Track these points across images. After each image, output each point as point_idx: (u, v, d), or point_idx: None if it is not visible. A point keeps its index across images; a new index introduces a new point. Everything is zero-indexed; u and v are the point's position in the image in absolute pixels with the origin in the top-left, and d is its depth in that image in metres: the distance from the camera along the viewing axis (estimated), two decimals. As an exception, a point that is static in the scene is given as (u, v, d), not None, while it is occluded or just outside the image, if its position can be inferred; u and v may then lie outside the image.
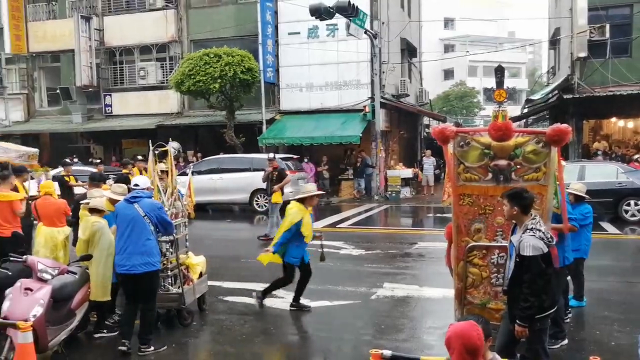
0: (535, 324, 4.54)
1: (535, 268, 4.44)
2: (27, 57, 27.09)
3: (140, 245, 6.11)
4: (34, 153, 13.72)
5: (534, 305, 4.45)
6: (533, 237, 4.48)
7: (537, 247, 4.44)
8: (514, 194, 4.67)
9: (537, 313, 4.49)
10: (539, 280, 4.45)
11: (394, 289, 8.59)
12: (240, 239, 14.26)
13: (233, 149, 20.94)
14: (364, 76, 21.28)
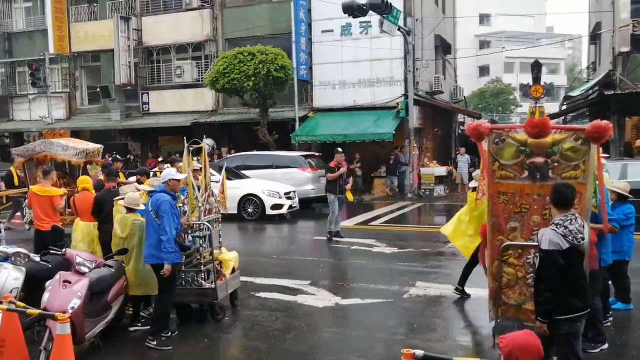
0: (562, 326, 4.43)
1: (550, 263, 4.34)
2: (69, 57, 27.75)
3: (149, 238, 6.36)
4: (96, 149, 13.30)
5: (549, 300, 4.36)
6: (553, 232, 4.38)
7: (554, 242, 4.34)
8: (553, 187, 4.59)
9: (565, 313, 4.38)
10: (555, 276, 4.34)
11: (426, 287, 8.51)
12: (272, 234, 14.34)
13: (266, 146, 21.06)
14: (398, 73, 21.13)
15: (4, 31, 29.49)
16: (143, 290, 6.79)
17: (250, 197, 15.64)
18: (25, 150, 13.43)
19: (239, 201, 15.59)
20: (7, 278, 6.26)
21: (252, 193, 15.68)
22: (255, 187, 15.86)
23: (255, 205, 15.64)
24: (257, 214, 15.46)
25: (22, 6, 29.56)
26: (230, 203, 15.27)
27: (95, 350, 6.16)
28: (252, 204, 15.69)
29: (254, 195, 15.64)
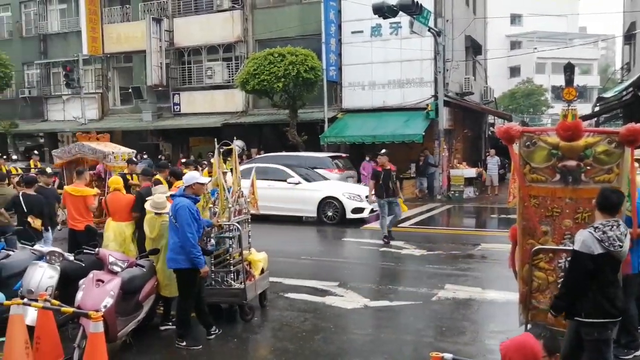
0: (592, 332, 4.35)
1: (577, 264, 4.29)
2: (102, 58, 28.28)
3: (170, 242, 6.38)
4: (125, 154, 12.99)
5: (564, 297, 4.31)
6: (590, 235, 4.31)
7: (587, 245, 4.28)
8: (600, 191, 4.54)
9: (596, 316, 4.31)
10: (580, 278, 4.29)
11: (455, 290, 8.44)
12: (300, 235, 14.37)
13: (295, 147, 21.14)
14: (427, 74, 21.00)
15: (39, 33, 30.21)
16: (169, 292, 6.88)
17: (330, 200, 14.90)
18: (63, 152, 13.73)
19: (318, 204, 14.99)
20: (43, 276, 6.42)
21: (332, 196, 14.94)
22: (335, 190, 15.16)
23: (335, 209, 14.85)
24: (337, 218, 14.71)
25: (57, 8, 30.24)
26: (309, 206, 15.15)
27: (127, 348, 6.27)
28: (332, 207, 14.92)
29: (334, 198, 14.86)
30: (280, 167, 15.86)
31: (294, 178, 15.36)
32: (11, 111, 30.46)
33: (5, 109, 30.41)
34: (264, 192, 14.93)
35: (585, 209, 5.16)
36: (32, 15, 30.82)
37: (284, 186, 15.22)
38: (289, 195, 15.13)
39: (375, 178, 12.27)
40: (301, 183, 15.34)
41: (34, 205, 9.25)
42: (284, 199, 15.05)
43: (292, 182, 15.29)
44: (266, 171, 15.43)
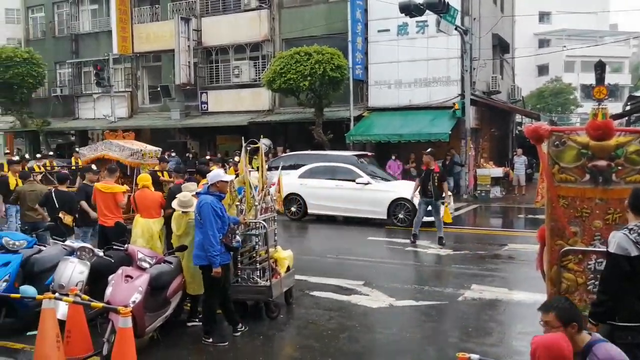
0: (626, 337, 4.25)
1: (614, 267, 4.20)
2: (132, 57, 28.65)
3: (195, 239, 6.43)
4: (153, 151, 13.14)
5: (603, 303, 4.22)
6: (624, 237, 4.22)
7: (622, 247, 4.19)
8: (633, 191, 4.45)
9: (628, 320, 4.22)
10: (617, 280, 4.19)
11: (482, 291, 8.38)
12: (326, 233, 14.41)
13: (321, 146, 21.16)
14: (454, 73, 20.83)
15: (71, 33, 30.77)
16: (193, 289, 6.96)
17: (401, 202, 14.05)
18: (90, 149, 14.02)
19: (388, 206, 14.21)
20: (73, 272, 6.56)
21: (403, 197, 14.04)
22: (407, 191, 13.96)
23: (407, 211, 13.96)
24: (409, 220, 13.68)
25: (88, 8, 30.75)
26: (378, 207, 14.41)
27: (154, 343, 6.36)
28: (403, 209, 14.06)
29: (406, 200, 13.90)
30: (349, 167, 15.40)
31: (363, 178, 14.80)
32: (44, 109, 31.10)
33: (38, 107, 31.05)
34: (330, 192, 14.99)
35: (615, 210, 5.07)
36: (64, 16, 31.41)
37: (352, 186, 14.77)
38: (358, 196, 14.61)
39: (419, 177, 12.32)
40: (371, 183, 14.77)
41: (65, 202, 9.46)
42: (352, 200, 14.71)
43: (361, 182, 14.72)
44: (334, 170, 15.51)
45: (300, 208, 15.48)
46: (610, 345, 3.47)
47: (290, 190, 15.20)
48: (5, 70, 26.68)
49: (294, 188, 15.35)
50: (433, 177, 11.95)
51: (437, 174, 12.02)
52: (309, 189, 15.31)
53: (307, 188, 15.33)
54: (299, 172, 15.88)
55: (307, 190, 15.32)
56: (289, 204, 15.36)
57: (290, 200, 15.43)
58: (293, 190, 15.35)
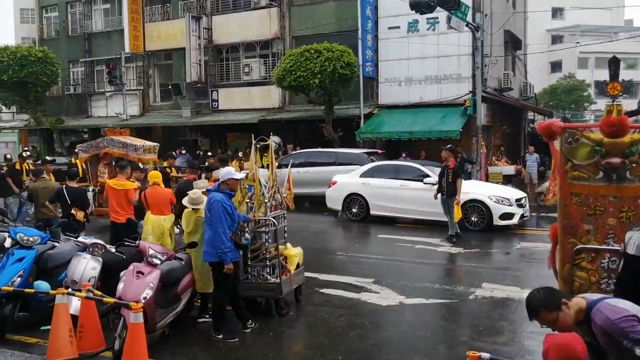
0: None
1: (631, 269, 4.15)
2: (143, 55, 28.81)
3: (205, 236, 6.46)
4: (152, 147, 14.26)
5: None
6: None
7: None
8: None
9: None
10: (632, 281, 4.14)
11: (493, 289, 8.34)
12: (336, 231, 14.41)
13: (331, 143, 21.16)
14: (465, 70, 20.74)
15: (84, 32, 30.99)
16: (200, 287, 6.97)
17: (474, 204, 13.07)
18: (89, 146, 14.42)
19: None
20: (86, 267, 6.62)
21: (476, 199, 13.04)
22: (480, 192, 13.34)
23: (480, 214, 13.02)
24: (483, 223, 12.97)
25: (101, 8, 30.94)
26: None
27: (165, 339, 6.40)
28: (476, 211, 13.10)
29: (479, 201, 13.00)
30: (415, 166, 14.58)
31: (431, 178, 13.51)
32: (57, 108, 31.34)
33: (52, 105, 31.31)
34: (395, 193, 14.20)
35: (630, 208, 5.02)
36: (77, 15, 31.63)
37: (419, 187, 13.64)
38: (426, 197, 13.11)
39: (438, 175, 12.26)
40: None
41: (76, 198, 9.53)
42: (419, 201, 13.55)
43: (430, 183, 13.39)
44: (399, 169, 14.80)
45: (362, 209, 14.68)
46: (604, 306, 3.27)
47: (352, 190, 14.77)
48: (20, 69, 26.93)
49: (356, 188, 14.74)
50: (447, 173, 11.91)
51: (451, 170, 11.92)
52: (372, 189, 14.47)
53: (369, 188, 14.51)
54: (360, 171, 15.26)
55: (370, 190, 14.50)
56: (350, 205, 14.85)
57: (352, 200, 14.83)
58: (354, 190, 14.75)
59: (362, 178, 14.87)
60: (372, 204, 14.50)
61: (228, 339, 6.38)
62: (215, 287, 6.59)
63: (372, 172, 14.97)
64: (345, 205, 14.89)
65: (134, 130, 29.19)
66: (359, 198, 14.73)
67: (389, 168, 15.11)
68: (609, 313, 3.20)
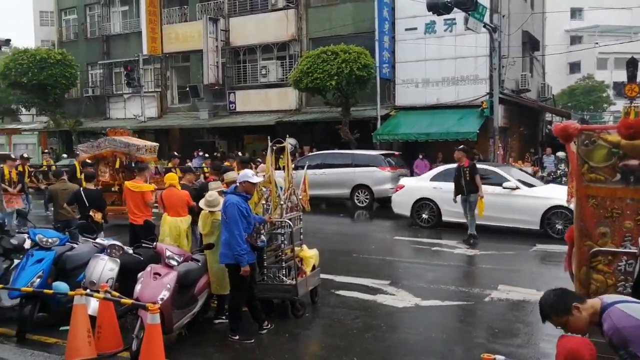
0: None
1: None
2: (161, 57, 29.08)
3: (222, 238, 6.50)
4: (153, 147, 14.72)
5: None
6: None
7: None
8: None
9: None
10: None
11: (509, 291, 8.28)
12: (352, 233, 14.40)
13: (348, 145, 21.17)
14: (482, 71, 20.65)
15: (102, 34, 31.35)
16: (215, 289, 7.01)
17: (559, 210, 12.26)
18: (91, 146, 14.76)
19: (542, 215, 12.26)
20: (104, 269, 6.71)
21: (561, 205, 11.78)
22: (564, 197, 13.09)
23: (566, 220, 11.87)
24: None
25: (119, 10, 31.30)
26: (529, 216, 12.30)
27: (182, 340, 6.46)
28: (561, 218, 12.12)
29: (564, 207, 11.71)
30: (492, 169, 13.57)
31: (510, 182, 12.86)
32: (76, 109, 31.75)
33: (71, 107, 31.72)
34: None
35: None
36: (95, 17, 32.04)
37: (497, 191, 12.75)
38: (505, 203, 12.57)
39: (454, 176, 12.15)
40: (520, 188, 12.82)
41: (93, 200, 9.65)
42: (497, 207, 12.53)
43: (509, 187, 12.75)
44: None
45: (433, 215, 13.69)
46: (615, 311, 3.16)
47: (421, 194, 13.84)
48: (40, 71, 27.32)
49: (426, 192, 13.80)
50: (464, 173, 11.87)
51: (467, 169, 11.89)
52: (445, 194, 13.15)
53: (442, 192, 13.35)
54: (431, 174, 14.42)
55: (442, 195, 13.32)
56: (420, 210, 13.86)
57: (422, 206, 13.85)
58: (425, 195, 13.80)
59: (433, 182, 13.90)
60: (445, 209, 13.44)
61: (244, 340, 6.42)
62: (232, 288, 6.63)
63: (444, 175, 13.74)
64: (414, 211, 13.94)
65: (152, 132, 29.61)
66: (429, 203, 13.74)
67: None
68: (617, 319, 3.11)
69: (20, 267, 6.90)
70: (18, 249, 7.36)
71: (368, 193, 17.63)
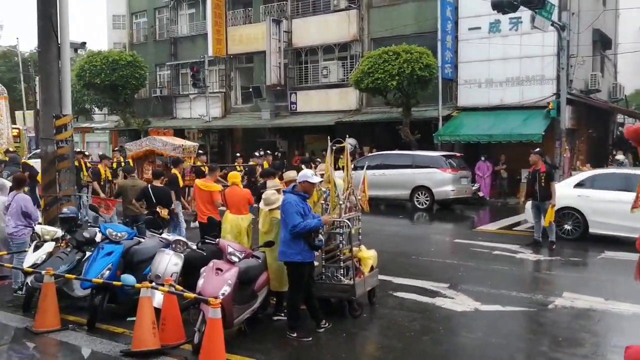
0: None
1: None
2: (226, 59, 29.68)
3: (281, 235, 6.62)
4: (191, 147, 15.56)
5: None
6: None
7: None
8: None
9: None
10: None
11: (574, 299, 8.02)
12: (411, 235, 14.29)
13: (408, 146, 21.00)
14: (549, 71, 20.00)
15: (170, 36, 32.33)
16: (273, 286, 7.12)
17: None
18: (134, 145, 15.75)
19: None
20: (169, 263, 6.95)
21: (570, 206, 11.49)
22: None
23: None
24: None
25: (186, 13, 32.20)
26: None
27: (242, 335, 6.60)
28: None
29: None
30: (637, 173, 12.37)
31: None
32: (145, 109, 32.88)
33: (140, 107, 32.87)
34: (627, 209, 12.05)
35: None
36: (164, 20, 33.08)
37: None
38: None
39: (527, 179, 11.86)
40: None
41: (161, 196, 10.02)
42: None
43: None
44: (629, 179, 11.80)
45: (578, 226, 12.32)
46: None
47: (564, 203, 12.18)
48: (112, 72, 28.44)
49: (570, 200, 12.30)
50: (540, 178, 11.57)
51: (544, 174, 11.60)
52: (592, 203, 12.08)
53: (589, 201, 12.16)
54: (574, 181, 13.08)
55: (589, 204, 12.14)
56: (560, 221, 12.32)
57: (563, 215, 12.37)
58: (568, 204, 12.29)
59: (577, 189, 12.58)
60: (592, 220, 12.13)
61: (302, 338, 6.50)
62: (290, 286, 6.73)
63: (592, 181, 12.67)
64: (557, 220, 12.14)
65: (216, 131, 30.30)
66: (573, 213, 12.38)
67: (615, 177, 12.56)
68: None
69: (92, 259, 7.25)
70: (90, 242, 7.73)
71: (428, 195, 17.45)
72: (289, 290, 6.78)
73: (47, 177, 9.63)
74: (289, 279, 6.69)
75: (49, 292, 6.79)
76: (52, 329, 6.67)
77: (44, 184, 9.71)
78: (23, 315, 7.38)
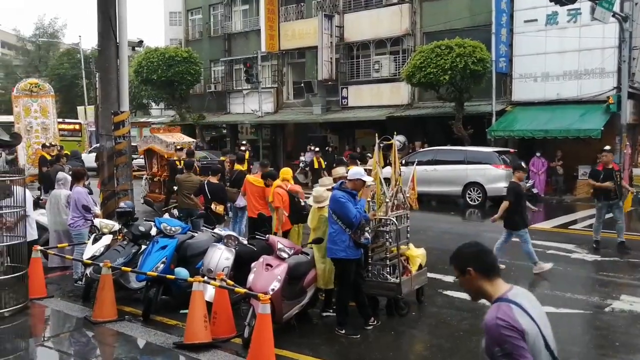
0: None
1: None
2: (278, 54, 29.97)
3: (329, 232, 6.65)
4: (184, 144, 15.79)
5: None
6: None
7: None
8: None
9: None
10: None
11: (633, 302, 7.76)
12: (462, 232, 14.08)
13: (461, 141, 20.69)
14: (610, 64, 19.26)
15: (224, 32, 32.89)
16: (319, 282, 7.15)
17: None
18: (142, 142, 17.29)
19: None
20: (220, 258, 7.12)
21: None
22: None
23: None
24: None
25: (240, 9, 32.69)
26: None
27: (291, 330, 6.69)
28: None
29: None
30: None
31: None
32: (199, 104, 33.63)
33: (195, 102, 33.64)
34: None
35: None
36: (219, 17, 33.68)
37: None
38: None
39: (594, 178, 11.46)
40: None
41: (216, 192, 10.25)
42: None
43: None
44: None
45: None
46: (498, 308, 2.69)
47: None
48: (168, 68, 29.22)
49: None
50: (615, 176, 11.20)
51: (619, 172, 11.33)
52: None
53: None
54: None
55: None
56: None
57: None
58: None
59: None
60: None
61: (350, 335, 6.55)
62: (339, 283, 6.78)
63: None
64: None
65: (268, 126, 30.66)
66: None
67: None
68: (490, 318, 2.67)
69: (147, 252, 7.51)
70: (145, 236, 8.00)
71: (481, 191, 17.17)
72: (338, 286, 6.83)
73: (106, 172, 10.00)
74: (337, 276, 6.74)
75: (107, 283, 7.06)
76: (109, 319, 6.95)
77: (102, 179, 10.09)
78: (82, 305, 7.72)
